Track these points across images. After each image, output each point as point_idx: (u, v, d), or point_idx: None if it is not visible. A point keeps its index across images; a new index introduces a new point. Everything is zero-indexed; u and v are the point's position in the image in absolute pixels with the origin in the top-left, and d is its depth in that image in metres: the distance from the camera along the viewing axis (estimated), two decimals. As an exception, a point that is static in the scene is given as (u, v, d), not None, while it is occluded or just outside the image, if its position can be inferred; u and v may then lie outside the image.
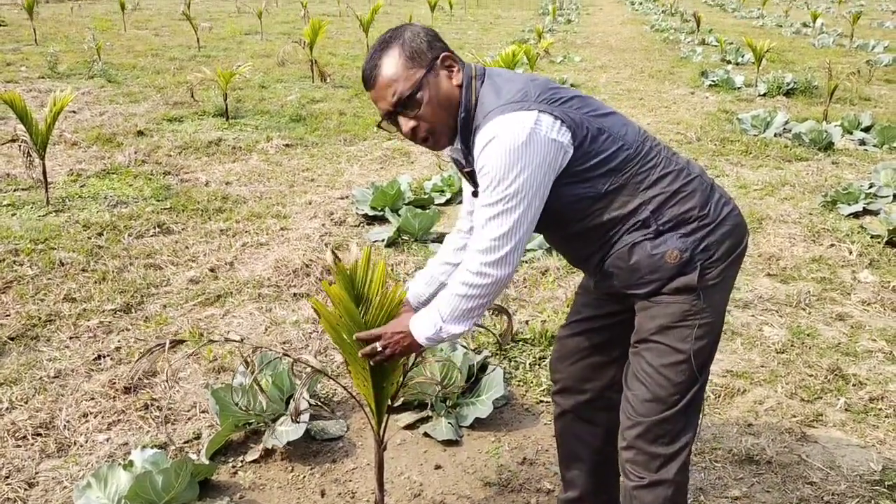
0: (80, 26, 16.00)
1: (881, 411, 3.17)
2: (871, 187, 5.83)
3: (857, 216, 5.46)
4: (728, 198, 1.95)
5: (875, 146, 7.56)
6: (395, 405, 2.80)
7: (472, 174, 1.89)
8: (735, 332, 3.78)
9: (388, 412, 2.17)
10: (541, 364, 3.45)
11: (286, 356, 2.10)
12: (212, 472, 2.68)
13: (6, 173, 6.04)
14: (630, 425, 1.92)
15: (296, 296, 4.13)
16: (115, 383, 3.24)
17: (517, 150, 1.70)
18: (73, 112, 8.19)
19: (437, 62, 1.83)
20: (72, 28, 15.84)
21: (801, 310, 4.05)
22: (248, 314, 3.92)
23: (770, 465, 2.81)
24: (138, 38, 14.83)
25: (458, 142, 1.89)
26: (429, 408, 3.03)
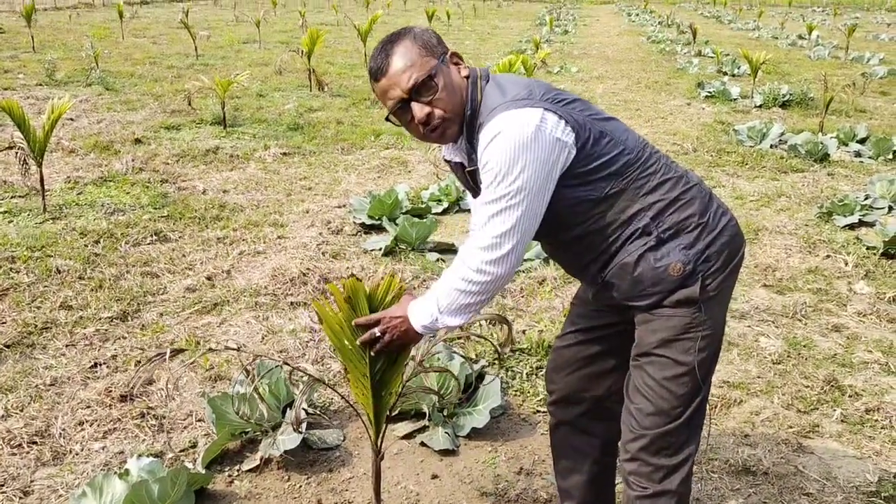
0: (78, 34, 16.04)
1: (877, 422, 3.17)
2: (866, 199, 5.86)
3: (852, 227, 5.48)
4: (725, 208, 1.95)
5: (870, 158, 7.60)
6: (392, 414, 2.80)
7: (473, 174, 1.89)
8: (732, 343, 3.79)
9: (386, 422, 2.17)
10: (537, 374, 3.45)
11: (285, 364, 2.09)
12: (208, 481, 2.67)
13: (3, 180, 6.03)
14: (633, 438, 1.92)
15: (293, 304, 4.12)
16: (111, 391, 3.23)
17: (522, 145, 1.70)
18: (70, 119, 8.19)
19: (446, 56, 1.85)
20: (70, 36, 15.88)
21: (798, 321, 4.06)
22: (244, 323, 3.91)
23: (767, 476, 2.81)
24: (136, 46, 14.86)
25: (461, 140, 1.88)
26: (426, 417, 3.02)
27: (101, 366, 3.46)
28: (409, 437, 3.02)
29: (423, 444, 2.96)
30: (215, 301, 4.12)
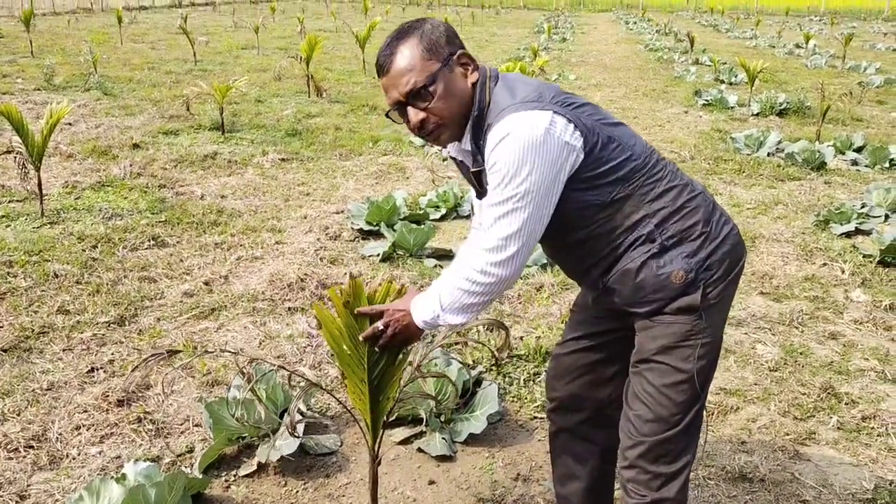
0: (77, 39, 16.05)
1: (873, 430, 3.18)
2: (863, 207, 5.88)
3: (849, 236, 5.50)
4: (727, 217, 1.96)
5: (867, 166, 7.62)
6: (390, 420, 2.80)
7: (479, 175, 1.88)
8: (729, 350, 3.79)
9: (383, 427, 2.17)
10: (535, 380, 3.45)
11: (282, 368, 2.09)
12: (205, 485, 2.67)
13: (1, 185, 6.03)
14: (631, 445, 1.92)
15: (290, 310, 4.13)
16: (108, 396, 3.23)
17: (531, 147, 1.69)
18: (68, 124, 8.19)
19: (454, 58, 1.82)
20: (68, 41, 15.89)
21: (794, 328, 4.07)
22: (242, 328, 3.91)
23: (763, 483, 2.82)
24: (135, 51, 14.88)
25: (467, 142, 1.87)
26: (423, 423, 3.02)
27: (98, 370, 3.46)
28: (406, 442, 3.02)
29: (420, 449, 2.96)
30: (213, 306, 4.12)
